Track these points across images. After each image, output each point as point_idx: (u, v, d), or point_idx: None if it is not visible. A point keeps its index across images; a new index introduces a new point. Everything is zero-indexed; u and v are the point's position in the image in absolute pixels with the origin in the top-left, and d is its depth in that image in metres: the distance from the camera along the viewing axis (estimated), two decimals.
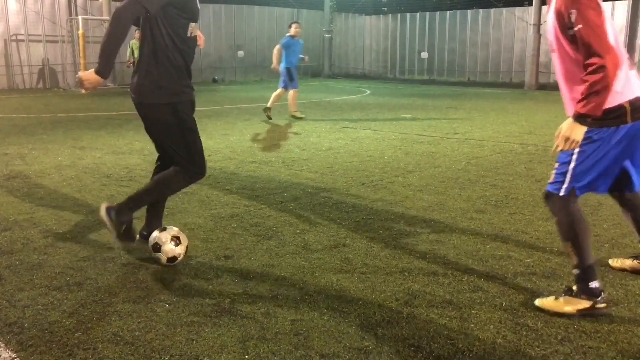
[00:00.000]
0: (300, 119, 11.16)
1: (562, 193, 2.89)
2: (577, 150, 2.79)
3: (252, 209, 4.84)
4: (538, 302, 2.98)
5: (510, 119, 11.36)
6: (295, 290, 3.18)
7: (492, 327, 2.77)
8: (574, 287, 2.92)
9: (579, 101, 2.65)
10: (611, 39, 2.64)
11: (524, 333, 2.70)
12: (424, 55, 26.86)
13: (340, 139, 8.75)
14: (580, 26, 2.62)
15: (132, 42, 17.50)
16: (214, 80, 23.52)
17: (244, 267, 3.52)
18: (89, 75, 3.25)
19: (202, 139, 3.65)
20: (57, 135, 9.04)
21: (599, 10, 2.65)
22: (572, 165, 2.85)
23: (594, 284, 2.88)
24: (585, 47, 2.62)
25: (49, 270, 3.45)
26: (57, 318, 2.82)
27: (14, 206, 4.88)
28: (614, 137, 2.79)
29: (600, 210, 4.78)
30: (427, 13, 27.07)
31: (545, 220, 4.46)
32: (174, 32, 3.32)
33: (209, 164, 3.74)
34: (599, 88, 2.58)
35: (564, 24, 2.71)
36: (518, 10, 23.99)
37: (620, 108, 2.75)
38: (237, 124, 10.41)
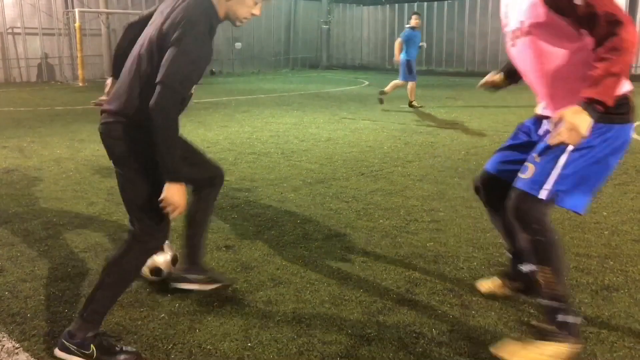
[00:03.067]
0: (418, 107, 11.48)
1: (541, 196, 2.25)
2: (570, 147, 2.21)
3: (252, 199, 4.85)
4: (499, 353, 2.34)
5: (509, 108, 11.35)
6: (297, 279, 3.19)
7: (493, 313, 2.78)
8: (548, 326, 2.34)
9: (591, 84, 2.06)
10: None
11: (525, 319, 2.71)
12: (422, 45, 26.78)
13: (339, 130, 8.74)
14: None
15: None
16: (212, 73, 23.44)
17: (245, 257, 3.52)
18: (170, 193, 2.31)
19: (201, 130, 3.48)
20: (55, 128, 9.01)
21: None
22: (562, 160, 2.25)
23: (575, 319, 2.35)
24: (597, 18, 2.06)
25: (50, 261, 3.45)
26: (60, 308, 2.82)
27: (14, 199, 4.88)
28: (616, 141, 2.26)
29: (600, 199, 4.78)
30: (425, 3, 26.97)
31: None
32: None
33: (208, 155, 3.48)
34: (618, 70, 2.04)
35: None
36: None
37: (624, 98, 2.25)
38: (235, 116, 10.39)
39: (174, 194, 2.31)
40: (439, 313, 2.79)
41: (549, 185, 2.24)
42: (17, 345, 2.48)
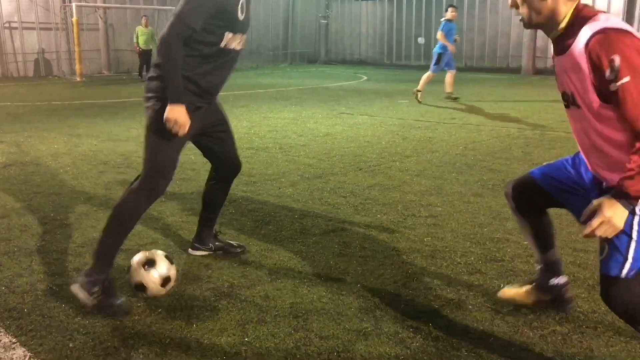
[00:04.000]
0: (455, 99, 11.63)
1: (624, 274, 2.02)
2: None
3: (250, 194, 4.84)
4: None
5: (508, 103, 11.35)
6: (294, 274, 3.19)
7: (490, 308, 2.78)
8: None
9: (626, 178, 1.89)
10: None
11: (522, 314, 2.72)
12: (421, 40, 26.70)
13: (337, 125, 8.73)
14: (627, 79, 1.84)
15: (138, 28, 17.42)
16: None
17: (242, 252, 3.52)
18: (173, 113, 2.69)
19: None
20: (53, 123, 8.99)
21: None
22: (634, 232, 2.01)
23: None
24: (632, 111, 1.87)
25: (47, 256, 3.45)
26: (57, 303, 2.82)
27: (11, 193, 4.87)
28: None
29: None
30: None
31: None
32: (205, 38, 2.82)
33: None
34: None
35: (599, 76, 1.90)
36: None
37: None
38: (233, 111, 10.37)
39: (176, 114, 2.69)
40: (435, 308, 2.79)
41: (628, 263, 2.03)
42: (14, 340, 2.48)
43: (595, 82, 1.93)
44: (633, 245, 2.02)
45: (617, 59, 1.84)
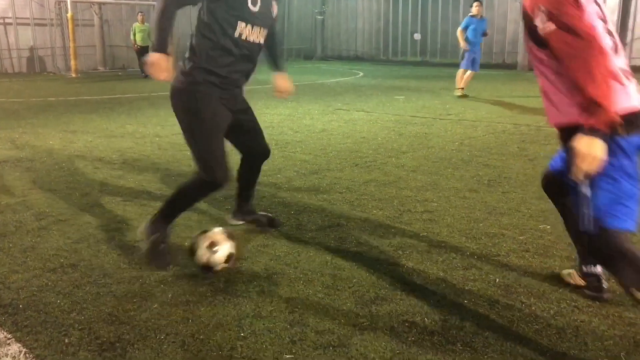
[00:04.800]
0: (462, 95, 11.69)
1: (589, 228, 2.20)
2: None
3: None
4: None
5: (503, 99, 11.36)
6: (290, 269, 3.20)
7: (485, 303, 2.79)
8: None
9: (586, 113, 2.06)
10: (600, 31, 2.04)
11: (517, 309, 2.73)
12: (417, 36, 26.68)
13: (333, 121, 8.73)
14: (554, 27, 2.07)
15: (135, 25, 17.34)
16: None
17: (239, 248, 3.51)
18: (153, 58, 2.85)
19: None
20: (47, 119, 8.96)
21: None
22: (590, 188, 2.18)
23: None
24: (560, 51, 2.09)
25: (42, 252, 3.44)
26: (52, 299, 2.82)
27: (6, 190, 4.85)
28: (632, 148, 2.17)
29: None
30: None
31: (538, 198, 4.48)
32: (219, 27, 3.02)
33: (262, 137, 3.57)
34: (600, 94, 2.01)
35: (530, 24, 2.18)
36: None
37: (633, 115, 2.10)
38: None
39: (156, 58, 2.85)
40: (431, 302, 2.80)
41: (591, 215, 2.18)
42: (9, 336, 2.48)
43: (528, 28, 2.21)
44: (591, 200, 2.16)
45: (543, 8, 2.09)
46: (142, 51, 16.67)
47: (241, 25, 3.05)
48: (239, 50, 3.11)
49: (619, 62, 2.12)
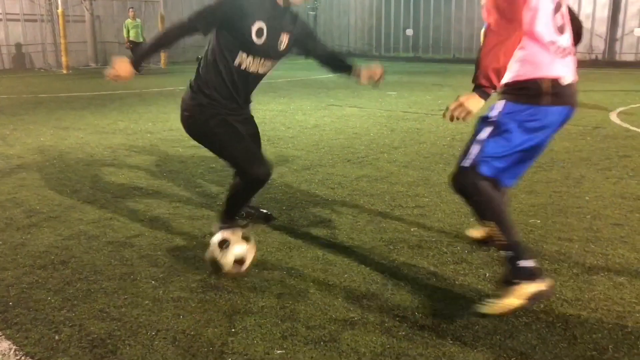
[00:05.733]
0: None
1: (465, 164, 2.65)
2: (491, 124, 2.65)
3: None
4: (486, 310, 2.61)
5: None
6: (281, 265, 3.20)
7: (475, 297, 2.81)
8: (511, 273, 2.61)
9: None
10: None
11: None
12: (409, 32, 26.74)
13: (325, 117, 8.73)
14: None
15: (127, 21, 17.25)
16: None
17: None
18: (117, 63, 3.02)
19: None
20: (39, 115, 8.91)
21: None
22: (479, 136, 2.68)
23: (531, 263, 2.60)
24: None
25: (33, 249, 3.43)
26: (43, 296, 2.81)
27: None
28: (526, 118, 2.60)
29: (582, 184, 4.84)
30: None
31: (528, 193, 4.51)
32: (221, 54, 3.16)
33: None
34: (486, 62, 2.55)
35: None
36: None
37: (533, 82, 2.57)
38: None
39: (118, 62, 3.00)
40: (422, 297, 2.81)
41: (470, 156, 2.65)
42: None
43: None
44: (477, 146, 2.65)
45: None
46: (135, 48, 16.62)
47: (242, 55, 3.13)
48: (237, 78, 3.20)
49: (562, 40, 2.56)
